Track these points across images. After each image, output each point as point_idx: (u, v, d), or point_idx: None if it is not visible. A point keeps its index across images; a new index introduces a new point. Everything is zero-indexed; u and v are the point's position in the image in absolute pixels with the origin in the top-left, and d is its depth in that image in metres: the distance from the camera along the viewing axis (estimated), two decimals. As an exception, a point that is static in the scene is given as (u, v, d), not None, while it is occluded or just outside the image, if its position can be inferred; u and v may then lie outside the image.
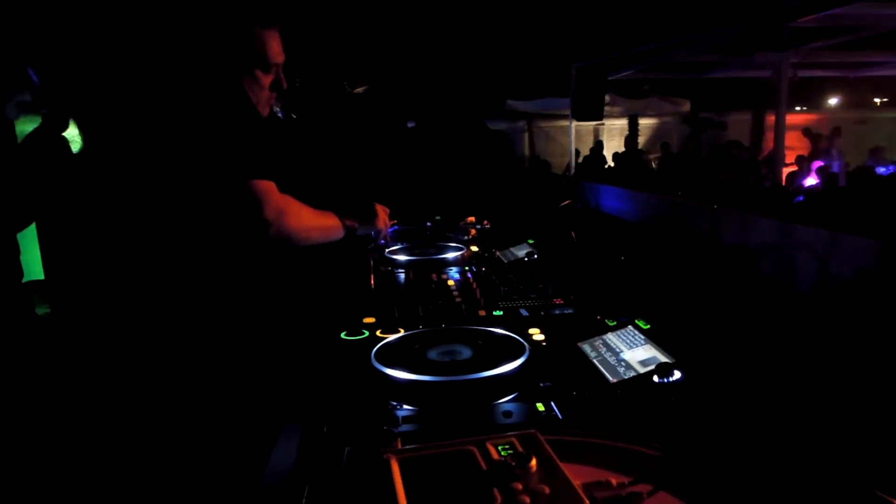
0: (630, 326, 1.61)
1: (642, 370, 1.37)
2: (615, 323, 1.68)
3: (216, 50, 1.64)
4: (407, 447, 0.99)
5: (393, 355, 1.47)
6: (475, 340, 1.55)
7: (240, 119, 1.59)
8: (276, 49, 1.71)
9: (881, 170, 8.36)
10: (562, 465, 0.89)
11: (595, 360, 1.49)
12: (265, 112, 1.79)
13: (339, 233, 1.89)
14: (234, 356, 1.67)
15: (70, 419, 1.99)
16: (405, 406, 1.29)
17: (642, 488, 0.89)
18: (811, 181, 8.20)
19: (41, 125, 4.12)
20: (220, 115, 1.56)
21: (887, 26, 7.72)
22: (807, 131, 11.13)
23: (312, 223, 1.73)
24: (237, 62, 1.66)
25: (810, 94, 13.35)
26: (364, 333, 1.73)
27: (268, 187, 1.55)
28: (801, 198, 5.74)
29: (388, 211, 2.17)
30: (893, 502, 0.87)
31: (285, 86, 1.79)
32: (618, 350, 1.51)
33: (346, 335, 1.73)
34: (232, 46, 1.64)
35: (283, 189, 1.62)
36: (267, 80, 1.72)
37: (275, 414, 1.37)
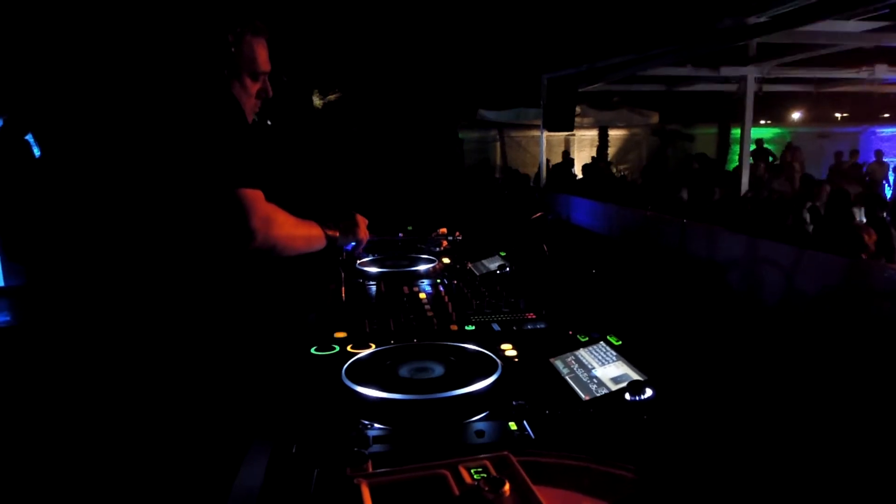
0: (602, 342, 1.61)
1: (614, 387, 1.37)
2: (587, 339, 1.68)
3: (208, 55, 1.63)
4: (378, 471, 0.97)
5: (364, 372, 1.45)
6: (447, 357, 1.53)
7: (230, 125, 1.57)
8: (264, 57, 1.72)
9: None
10: (535, 489, 0.88)
11: (567, 377, 1.49)
12: (249, 119, 1.78)
13: (321, 242, 1.86)
14: (205, 369, 1.63)
15: (28, 431, 1.93)
16: (376, 425, 1.27)
17: (616, 512, 0.88)
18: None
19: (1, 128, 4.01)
20: (212, 120, 1.54)
21: (848, 44, 7.95)
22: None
23: (297, 233, 1.71)
24: (228, 68, 1.65)
25: (774, 108, 13.67)
26: (335, 348, 1.70)
27: (255, 196, 1.53)
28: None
29: (366, 221, 2.15)
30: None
31: (271, 94, 1.78)
32: (590, 367, 1.51)
33: (316, 350, 1.70)
34: (223, 53, 1.64)
35: (267, 198, 1.60)
36: (254, 87, 1.72)
37: (243, 431, 1.34)
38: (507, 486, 0.87)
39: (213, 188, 1.50)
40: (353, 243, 2.11)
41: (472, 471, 0.93)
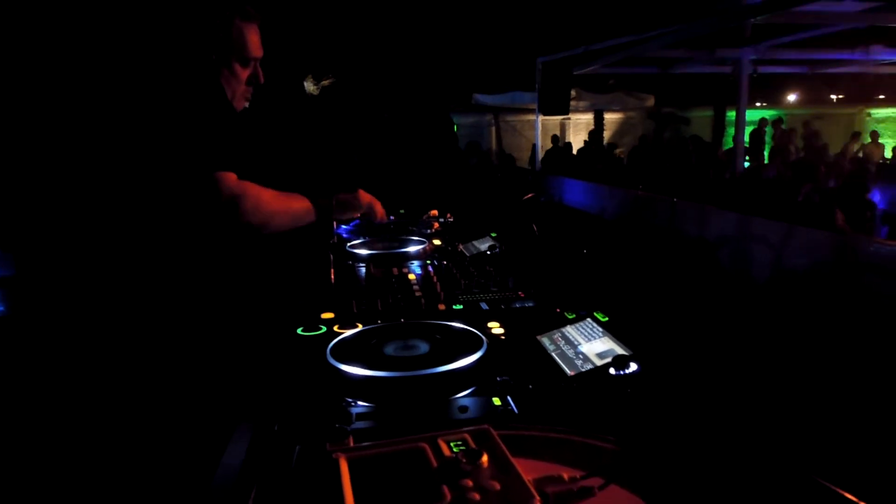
0: (589, 319, 1.61)
1: (599, 363, 1.37)
2: (574, 316, 1.68)
3: (195, 39, 1.62)
4: (357, 445, 0.96)
5: (349, 351, 1.44)
6: (433, 335, 1.53)
7: (208, 109, 1.56)
8: (255, 43, 1.70)
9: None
10: (514, 461, 0.88)
11: (553, 354, 1.49)
12: (240, 106, 1.77)
13: (310, 215, 1.83)
14: (192, 351, 1.63)
15: (11, 416, 1.93)
16: (360, 402, 1.26)
17: (594, 482, 0.88)
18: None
19: None
20: (190, 104, 1.53)
21: (843, 24, 7.91)
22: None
23: (274, 208, 1.68)
24: (216, 53, 1.64)
25: (769, 90, 13.63)
26: (321, 329, 1.70)
27: (224, 177, 1.52)
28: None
29: (373, 199, 2.13)
30: (835, 490, 0.88)
31: (262, 80, 1.77)
32: (576, 343, 1.50)
33: (302, 331, 1.69)
34: (212, 37, 1.62)
35: (256, 180, 1.59)
36: (244, 73, 1.71)
37: (231, 412, 1.33)
38: (484, 458, 0.86)
39: (185, 172, 1.50)
40: (371, 216, 2.11)
41: (452, 444, 0.93)
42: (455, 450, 0.91)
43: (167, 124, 1.51)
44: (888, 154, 10.78)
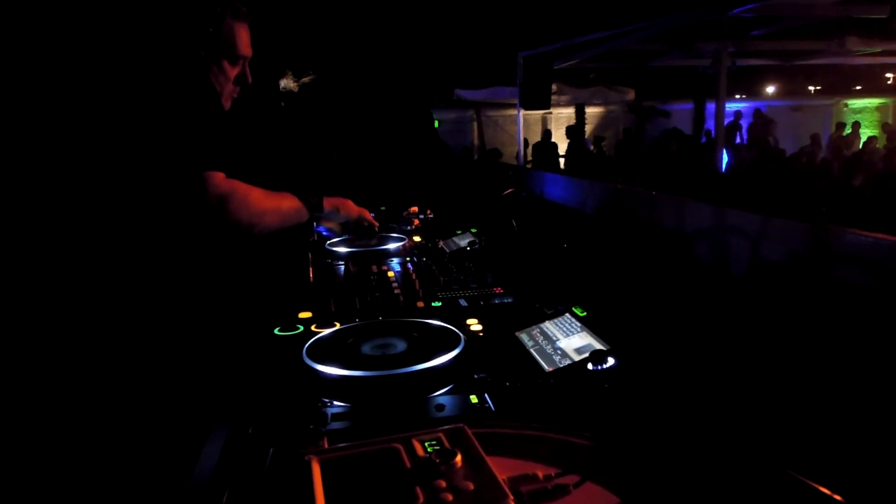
0: (567, 314, 1.61)
1: (577, 358, 1.36)
2: (552, 311, 1.67)
3: (186, 35, 1.60)
4: (331, 447, 0.95)
5: (325, 351, 1.42)
6: (410, 333, 1.52)
7: (198, 107, 1.54)
8: (245, 41, 1.68)
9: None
10: (488, 459, 0.87)
11: (532, 349, 1.48)
12: (227, 104, 1.75)
13: (301, 214, 1.83)
14: (168, 351, 1.61)
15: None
16: (336, 403, 1.25)
17: (569, 479, 0.87)
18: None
19: None
20: (179, 101, 1.52)
21: (820, 14, 7.98)
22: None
23: (263, 206, 1.66)
24: (205, 50, 1.62)
25: (748, 83, 13.75)
26: (298, 329, 1.68)
27: (212, 176, 1.51)
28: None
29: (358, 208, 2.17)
30: (808, 483, 0.88)
31: (250, 80, 1.76)
32: (554, 338, 1.50)
33: (279, 331, 1.68)
34: (202, 33, 1.60)
35: (244, 179, 1.58)
36: (233, 72, 1.70)
37: (207, 413, 1.31)
38: (458, 458, 0.85)
39: (174, 171, 1.48)
40: (360, 227, 2.14)
41: (426, 444, 0.92)
42: (429, 450, 0.90)
43: (156, 121, 1.49)
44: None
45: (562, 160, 11.25)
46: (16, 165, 1.64)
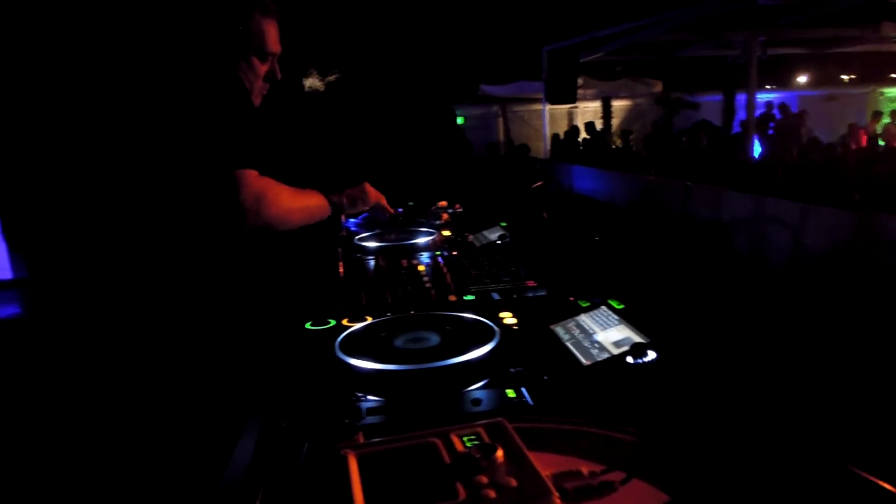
0: (603, 307, 1.57)
1: (616, 351, 1.33)
2: (588, 304, 1.63)
3: (216, 32, 1.60)
4: (367, 442, 0.93)
5: (358, 344, 1.41)
6: (443, 326, 1.49)
7: (230, 105, 1.54)
8: (273, 38, 1.69)
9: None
10: (530, 455, 0.84)
11: (568, 343, 1.45)
12: (257, 101, 1.76)
13: (324, 211, 1.85)
14: (201, 346, 1.61)
15: (25, 412, 1.92)
16: (370, 397, 1.23)
17: (615, 476, 0.84)
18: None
19: None
20: (212, 100, 1.52)
21: (852, 1, 7.77)
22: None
23: (293, 205, 1.68)
24: (235, 47, 1.62)
25: (779, 73, 13.46)
26: (330, 323, 1.67)
27: (246, 174, 1.51)
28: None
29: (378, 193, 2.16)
30: (867, 478, 0.84)
31: (280, 77, 1.76)
32: (591, 331, 1.46)
33: (311, 325, 1.66)
34: (232, 30, 1.61)
35: (270, 175, 1.58)
36: (262, 69, 1.70)
37: (240, 408, 1.31)
38: (499, 453, 0.83)
39: (207, 169, 1.48)
40: (375, 211, 2.15)
41: (465, 438, 0.89)
42: (468, 444, 0.88)
43: (188, 119, 1.50)
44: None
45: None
46: (51, 165, 1.65)
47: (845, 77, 14.89)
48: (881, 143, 9.22)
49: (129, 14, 1.71)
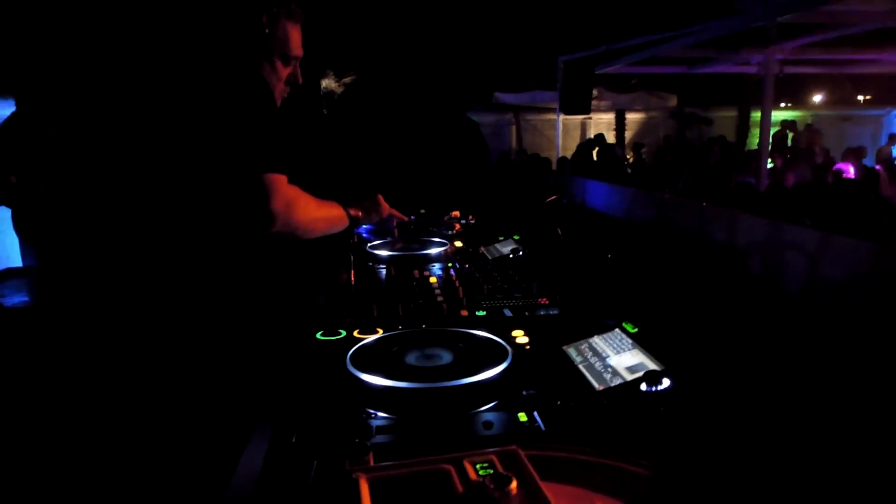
0: (617, 329, 1.55)
1: (630, 377, 1.31)
2: (602, 326, 1.62)
3: (241, 35, 1.61)
4: (378, 465, 0.92)
5: (369, 359, 1.40)
6: (456, 343, 1.48)
7: (258, 109, 1.54)
8: (297, 42, 1.70)
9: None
10: (544, 486, 0.83)
11: (581, 366, 1.43)
12: (278, 104, 1.75)
13: (343, 223, 1.87)
14: (213, 353, 1.61)
15: (27, 407, 1.92)
16: (381, 414, 1.22)
17: (630, 513, 0.83)
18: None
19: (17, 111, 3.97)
20: (240, 103, 1.52)
21: (872, 23, 7.73)
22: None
23: (318, 214, 1.70)
24: (260, 50, 1.64)
25: (795, 91, 13.40)
26: (341, 333, 1.66)
27: (279, 180, 1.51)
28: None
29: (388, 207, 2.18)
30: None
31: (301, 81, 1.77)
32: (604, 355, 1.45)
33: (322, 335, 1.66)
34: (257, 33, 1.62)
35: (291, 180, 1.58)
36: (285, 72, 1.71)
37: (247, 418, 1.30)
38: (513, 484, 0.81)
39: (237, 172, 1.48)
40: (385, 224, 2.16)
41: (478, 466, 0.88)
42: (482, 473, 0.86)
43: (217, 120, 1.49)
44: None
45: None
46: (78, 167, 1.65)
47: (861, 98, 14.80)
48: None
49: (159, 16, 1.72)
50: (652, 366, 1.33)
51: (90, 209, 1.61)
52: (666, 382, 1.25)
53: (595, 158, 10.03)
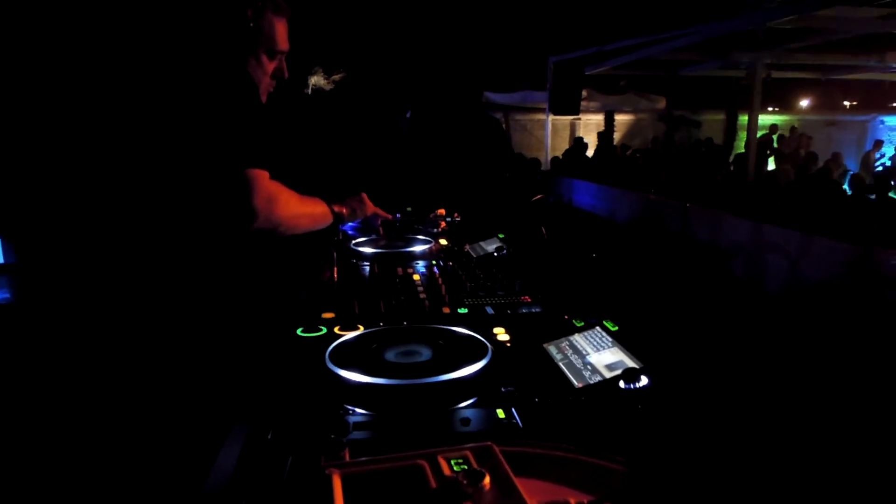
0: (598, 328, 1.55)
1: (608, 375, 1.31)
2: (583, 324, 1.62)
3: (226, 29, 1.60)
4: (352, 461, 0.91)
5: (348, 355, 1.39)
6: (436, 340, 1.48)
7: (242, 103, 1.53)
8: (283, 36, 1.69)
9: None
10: (518, 482, 0.83)
11: (560, 363, 1.43)
12: (264, 99, 1.76)
13: (327, 219, 1.86)
14: (190, 349, 1.59)
15: (7, 410, 1.89)
16: (359, 410, 1.21)
17: (603, 509, 0.83)
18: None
19: None
20: (225, 97, 1.51)
21: (859, 30, 7.81)
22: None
23: (301, 210, 1.70)
24: (245, 44, 1.62)
25: (782, 95, 13.50)
26: (321, 330, 1.65)
27: (260, 175, 1.50)
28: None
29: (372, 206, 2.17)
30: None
31: (286, 75, 1.76)
32: (584, 352, 1.45)
33: (302, 331, 1.64)
34: (243, 27, 1.60)
35: (273, 176, 1.56)
36: (271, 66, 1.70)
37: (226, 415, 1.29)
38: (486, 480, 0.81)
39: (219, 167, 1.47)
40: (370, 222, 2.15)
41: (452, 462, 0.88)
42: (456, 468, 0.86)
43: (199, 115, 1.48)
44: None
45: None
46: (54, 164, 1.63)
47: (847, 103, 14.94)
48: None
49: (141, 10, 1.70)
50: (631, 364, 1.33)
51: (71, 205, 1.60)
52: (644, 380, 1.25)
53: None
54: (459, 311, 1.82)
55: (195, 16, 1.61)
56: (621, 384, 1.25)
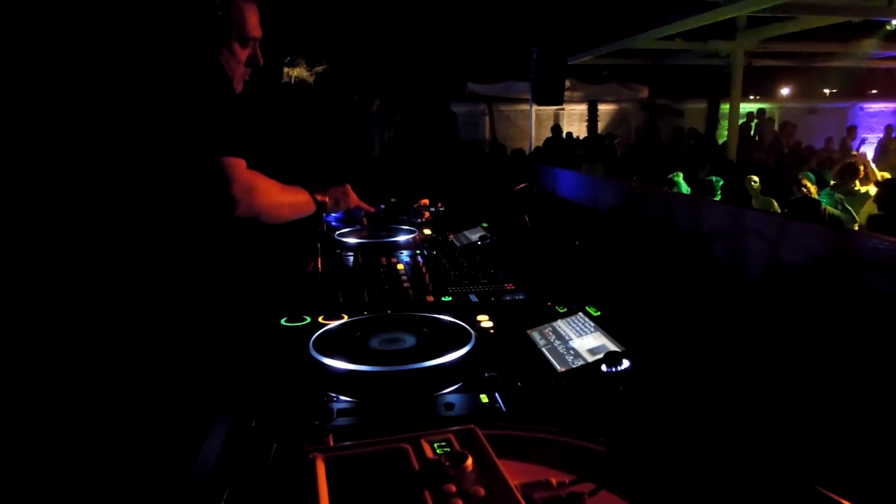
0: (580, 313, 1.57)
1: (591, 359, 1.33)
2: (566, 310, 1.63)
3: (194, 18, 1.57)
4: (336, 445, 0.92)
5: (332, 343, 1.39)
6: (419, 328, 1.48)
7: (215, 92, 1.51)
8: (254, 22, 1.66)
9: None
10: (500, 464, 0.84)
11: (544, 349, 1.44)
12: (239, 87, 1.73)
13: (309, 208, 1.85)
14: (176, 339, 1.59)
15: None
16: (343, 398, 1.22)
17: (584, 487, 0.84)
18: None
19: None
20: (196, 86, 1.49)
21: (837, 17, 7.88)
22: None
23: (282, 200, 1.68)
24: (215, 32, 1.60)
25: (763, 83, 13.61)
26: (305, 320, 1.65)
27: (237, 164, 1.49)
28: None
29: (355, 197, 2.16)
30: (833, 497, 0.84)
31: (261, 62, 1.74)
32: (567, 338, 1.46)
33: (286, 321, 1.65)
34: (212, 15, 1.58)
35: (252, 166, 1.55)
36: (244, 54, 1.68)
37: (211, 403, 1.29)
38: (469, 461, 0.82)
39: (194, 156, 1.46)
40: (354, 213, 2.14)
41: (435, 445, 0.89)
42: (439, 451, 0.87)
43: (171, 106, 1.46)
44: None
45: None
46: (30, 160, 1.61)
47: (827, 91, 15.09)
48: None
49: (109, 3, 1.68)
50: (613, 348, 1.34)
51: (44, 196, 1.58)
52: (626, 363, 1.26)
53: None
54: (443, 299, 1.83)
55: (163, 7, 1.59)
56: (603, 367, 1.26)
